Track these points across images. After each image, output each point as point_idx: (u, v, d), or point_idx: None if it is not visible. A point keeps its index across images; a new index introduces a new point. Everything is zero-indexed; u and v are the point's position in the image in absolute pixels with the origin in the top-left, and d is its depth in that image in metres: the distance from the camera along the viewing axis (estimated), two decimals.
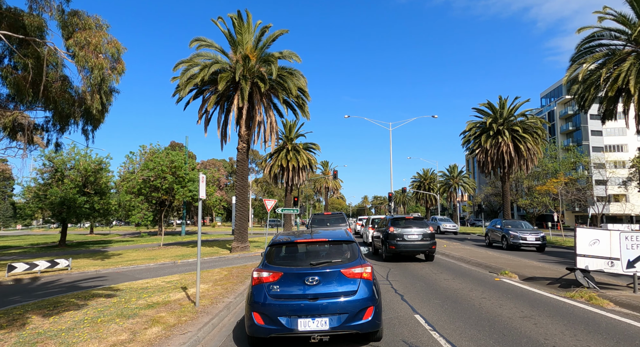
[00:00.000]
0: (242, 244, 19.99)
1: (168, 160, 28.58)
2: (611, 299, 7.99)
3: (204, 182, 8.20)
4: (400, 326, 6.33)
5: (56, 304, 8.19)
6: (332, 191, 71.05)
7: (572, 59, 21.75)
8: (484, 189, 60.96)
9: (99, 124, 16.20)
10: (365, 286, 5.19)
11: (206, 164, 73.83)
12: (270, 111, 20.68)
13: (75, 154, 27.71)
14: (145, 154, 33.11)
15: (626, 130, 28.27)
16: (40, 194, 25.88)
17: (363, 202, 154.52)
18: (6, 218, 69.74)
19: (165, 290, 9.50)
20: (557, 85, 69.00)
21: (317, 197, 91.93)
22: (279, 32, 19.79)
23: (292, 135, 39.04)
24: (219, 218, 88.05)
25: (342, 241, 5.80)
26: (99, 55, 12.03)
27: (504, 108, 32.77)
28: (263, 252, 5.95)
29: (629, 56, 19.57)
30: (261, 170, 69.22)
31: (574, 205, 52.73)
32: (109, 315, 7.11)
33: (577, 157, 46.43)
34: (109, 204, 28.87)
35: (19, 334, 6.10)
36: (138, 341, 5.65)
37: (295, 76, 19.96)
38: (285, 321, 4.94)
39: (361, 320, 5.01)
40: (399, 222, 15.25)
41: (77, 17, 12.19)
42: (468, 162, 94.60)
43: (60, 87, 13.80)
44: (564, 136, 68.07)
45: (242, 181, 20.78)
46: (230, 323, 6.98)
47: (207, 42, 19.84)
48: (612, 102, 21.16)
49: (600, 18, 19.81)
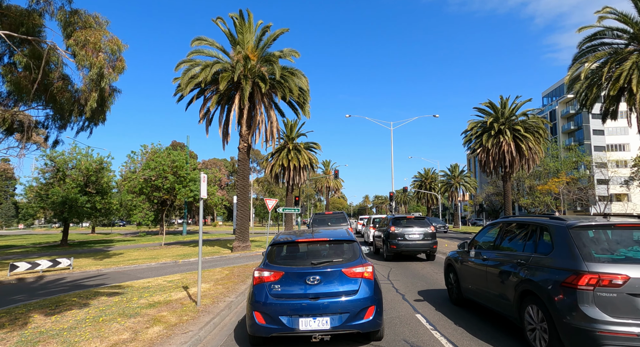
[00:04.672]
0: (243, 243, 20.01)
1: (169, 160, 28.61)
2: None
3: (206, 182, 8.19)
4: (402, 326, 6.33)
5: (58, 303, 8.21)
6: (333, 190, 71.02)
7: (574, 58, 21.71)
8: (486, 189, 60.91)
9: (100, 123, 16.26)
10: (367, 285, 5.19)
11: (207, 164, 73.93)
12: (271, 111, 20.68)
13: (77, 153, 27.75)
14: (147, 154, 33.14)
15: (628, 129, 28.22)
16: (42, 193, 25.93)
17: (364, 201, 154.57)
18: (8, 217, 69.95)
19: (166, 289, 9.52)
20: (559, 84, 68.85)
21: (318, 196, 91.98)
22: (279, 31, 19.77)
23: (293, 135, 39.04)
24: (220, 217, 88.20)
25: (343, 241, 5.80)
26: (99, 54, 12.03)
27: (505, 107, 32.74)
28: (264, 252, 5.95)
29: (631, 55, 19.52)
30: (262, 170, 69.28)
31: (575, 204, 52.63)
32: (111, 314, 7.12)
33: (578, 157, 46.35)
34: (110, 204, 28.93)
35: (21, 333, 6.12)
36: (140, 340, 5.66)
37: (296, 76, 19.95)
38: (287, 321, 4.94)
39: (362, 319, 5.01)
40: (400, 221, 15.24)
41: (78, 16, 12.20)
42: (469, 161, 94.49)
43: (60, 86, 13.83)
44: (566, 135, 67.94)
45: (244, 180, 20.80)
46: (232, 322, 6.99)
47: (208, 41, 19.84)
48: (614, 101, 21.11)
49: (601, 17, 19.76)
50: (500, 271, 5.86)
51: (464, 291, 7.28)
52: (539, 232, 5.44)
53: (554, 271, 4.71)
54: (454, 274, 7.82)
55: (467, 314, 7.01)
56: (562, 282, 4.48)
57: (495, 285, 5.96)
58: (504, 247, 6.23)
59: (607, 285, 4.16)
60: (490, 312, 7.01)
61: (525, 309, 5.11)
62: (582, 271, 4.32)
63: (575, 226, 4.81)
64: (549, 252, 4.98)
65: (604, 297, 4.16)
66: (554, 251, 4.91)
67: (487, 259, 6.43)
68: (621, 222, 4.80)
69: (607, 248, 4.68)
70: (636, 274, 4.12)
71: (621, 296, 4.11)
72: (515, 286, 5.31)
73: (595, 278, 4.21)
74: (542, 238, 5.32)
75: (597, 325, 4.08)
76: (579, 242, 4.63)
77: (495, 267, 6.03)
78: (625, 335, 3.97)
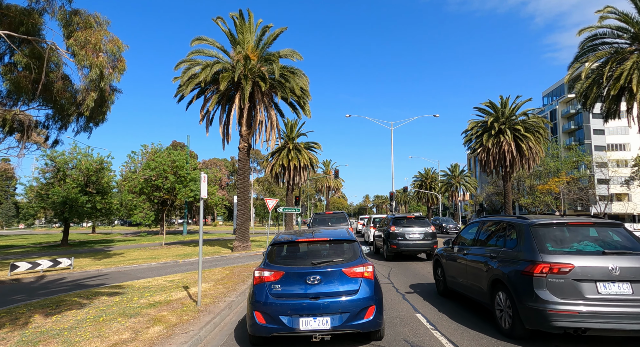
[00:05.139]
0: (243, 243, 20.01)
1: (170, 159, 28.59)
2: None
3: (206, 182, 8.20)
4: (402, 325, 6.33)
5: (59, 303, 8.22)
6: (334, 190, 70.99)
7: (575, 58, 21.68)
8: (486, 188, 60.85)
9: (100, 123, 16.27)
10: (367, 285, 5.19)
11: (208, 164, 73.95)
12: (271, 110, 20.67)
13: (77, 153, 27.78)
14: (147, 154, 33.13)
15: (628, 129, 28.16)
16: (42, 193, 25.95)
17: (364, 201, 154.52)
18: (9, 217, 69.98)
19: (167, 289, 9.52)
20: (559, 84, 68.80)
21: (319, 196, 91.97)
22: (279, 30, 19.76)
23: (293, 135, 39.03)
24: (221, 217, 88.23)
25: (343, 240, 5.80)
26: (99, 54, 12.03)
27: (505, 107, 32.72)
28: (264, 252, 5.95)
29: (631, 55, 19.50)
30: (263, 170, 69.32)
31: (576, 204, 52.61)
32: (111, 314, 7.13)
33: (579, 156, 46.33)
34: (111, 204, 28.94)
35: (21, 333, 6.12)
36: (140, 339, 5.67)
37: (296, 75, 19.95)
38: (287, 320, 4.94)
39: (362, 319, 5.01)
40: (400, 221, 15.23)
41: (78, 16, 12.20)
42: (470, 161, 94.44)
43: (61, 86, 13.83)
44: (566, 135, 67.88)
45: (244, 180, 20.80)
46: (232, 322, 6.99)
47: (209, 41, 19.84)
48: (615, 100, 21.08)
49: (602, 17, 19.73)
50: (477, 264, 6.68)
51: (449, 282, 8.04)
52: (508, 230, 6.30)
53: (517, 262, 5.55)
54: (440, 269, 8.56)
55: (467, 313, 7.00)
56: (522, 271, 5.32)
57: (473, 276, 6.79)
58: (481, 242, 7.04)
59: (556, 273, 5.03)
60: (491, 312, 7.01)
61: (496, 295, 5.94)
62: (537, 261, 5.18)
63: (535, 224, 5.68)
64: (514, 247, 5.83)
65: (554, 282, 5.02)
66: (517, 245, 5.77)
67: (467, 253, 7.21)
68: (573, 221, 5.70)
69: (562, 242, 5.50)
70: (580, 263, 5.01)
71: (567, 281, 4.98)
72: (488, 276, 6.16)
73: (548, 267, 5.08)
74: (510, 235, 6.16)
75: (548, 305, 4.93)
76: (537, 237, 5.51)
77: (473, 261, 6.85)
78: (569, 313, 4.84)
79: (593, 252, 5.24)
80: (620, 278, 4.92)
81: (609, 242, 5.47)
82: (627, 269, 4.95)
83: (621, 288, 4.90)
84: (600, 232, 5.65)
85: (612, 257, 5.08)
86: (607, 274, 4.94)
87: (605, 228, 5.70)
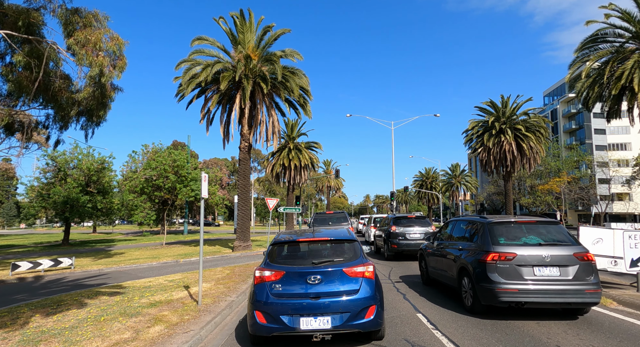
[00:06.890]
0: (244, 243, 20.02)
1: (170, 159, 28.58)
2: (614, 298, 7.95)
3: (207, 182, 8.19)
4: (403, 325, 6.32)
5: (60, 303, 8.23)
6: (334, 189, 70.98)
7: (576, 57, 21.61)
8: (487, 188, 60.81)
9: (101, 122, 16.28)
10: (367, 285, 5.18)
11: (208, 163, 73.99)
12: (272, 110, 20.66)
13: (78, 153, 27.79)
14: (148, 154, 33.12)
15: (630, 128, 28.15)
16: (43, 193, 25.97)
17: (365, 201, 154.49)
18: (10, 217, 70.05)
19: (167, 289, 9.53)
20: (560, 83, 68.69)
21: (319, 196, 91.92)
22: (280, 31, 19.75)
23: (294, 134, 39.01)
24: (221, 217, 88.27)
25: (344, 240, 5.79)
26: (99, 53, 12.03)
27: (506, 107, 32.66)
28: (265, 251, 5.94)
29: (632, 54, 19.44)
30: (263, 169, 69.25)
31: (577, 204, 52.53)
32: (112, 313, 7.13)
33: (580, 156, 46.25)
34: (111, 203, 28.95)
35: (22, 332, 6.13)
36: (141, 339, 5.67)
37: (297, 75, 19.94)
38: (288, 320, 4.94)
39: (363, 319, 5.00)
40: (401, 221, 15.21)
41: (78, 15, 12.20)
42: (470, 160, 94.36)
43: (61, 86, 13.83)
44: (567, 135, 67.79)
45: (244, 180, 20.80)
46: (233, 322, 6.99)
47: (209, 41, 19.83)
48: (616, 100, 21.01)
49: (607, 15, 19.67)
50: (449, 255, 8.08)
51: (430, 273, 9.39)
52: (472, 227, 7.74)
53: (477, 252, 6.92)
54: (424, 261, 9.87)
55: (466, 312, 6.99)
56: (479, 260, 6.68)
57: (447, 266, 8.15)
58: (454, 238, 8.45)
59: (504, 260, 6.42)
60: (492, 312, 7.03)
61: (462, 279, 7.31)
62: (490, 251, 6.58)
63: (492, 223, 7.12)
64: (476, 240, 7.24)
65: (502, 267, 6.40)
66: (478, 240, 7.17)
67: (443, 247, 8.63)
68: (521, 220, 7.12)
69: (512, 236, 6.88)
70: (521, 252, 6.41)
71: (512, 266, 6.36)
72: (457, 265, 7.53)
73: (497, 255, 6.47)
74: (473, 231, 7.56)
75: (497, 285, 6.30)
76: (492, 233, 6.92)
77: (447, 253, 8.23)
78: (511, 290, 6.23)
79: (534, 244, 6.62)
80: (551, 263, 6.31)
81: (547, 236, 6.78)
82: (556, 256, 6.35)
83: (551, 271, 6.30)
84: (543, 228, 6.96)
85: (547, 247, 6.47)
86: (541, 260, 6.32)
87: (547, 225, 7.03)
